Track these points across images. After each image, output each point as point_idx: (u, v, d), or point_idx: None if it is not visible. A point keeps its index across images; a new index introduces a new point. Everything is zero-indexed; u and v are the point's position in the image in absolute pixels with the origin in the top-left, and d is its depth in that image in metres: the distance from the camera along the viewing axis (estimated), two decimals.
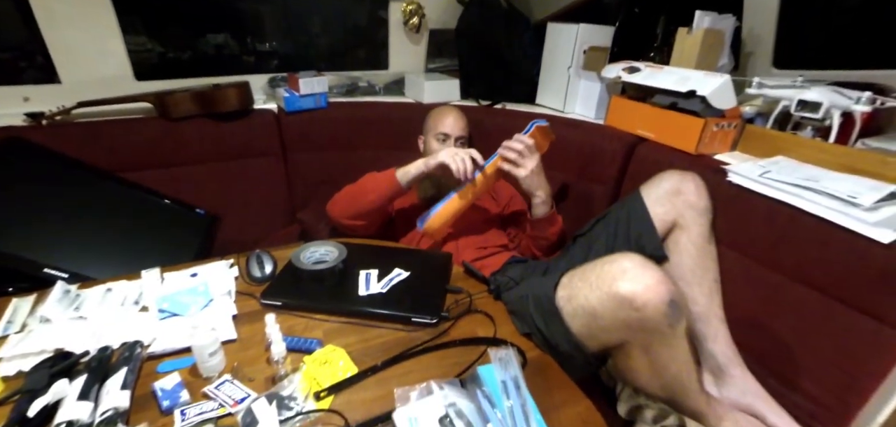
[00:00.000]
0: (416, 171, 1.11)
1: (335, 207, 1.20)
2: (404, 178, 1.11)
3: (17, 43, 1.41)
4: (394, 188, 1.12)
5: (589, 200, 1.39)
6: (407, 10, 1.73)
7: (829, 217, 0.84)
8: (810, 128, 1.10)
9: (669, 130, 1.22)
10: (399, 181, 1.11)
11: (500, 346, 0.76)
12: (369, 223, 1.18)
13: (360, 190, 1.16)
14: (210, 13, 1.71)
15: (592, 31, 1.49)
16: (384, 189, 1.13)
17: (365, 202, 1.15)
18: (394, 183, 1.11)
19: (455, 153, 1.07)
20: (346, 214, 1.18)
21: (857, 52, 1.24)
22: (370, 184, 1.16)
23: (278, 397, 0.67)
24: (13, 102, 1.32)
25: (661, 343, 0.76)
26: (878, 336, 0.78)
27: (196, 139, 1.42)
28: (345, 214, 1.18)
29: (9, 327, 0.81)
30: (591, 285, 0.77)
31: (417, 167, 1.11)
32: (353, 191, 1.18)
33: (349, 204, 1.18)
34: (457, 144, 1.28)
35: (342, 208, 1.19)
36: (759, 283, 0.96)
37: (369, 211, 1.15)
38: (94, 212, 1.20)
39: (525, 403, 0.67)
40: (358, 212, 1.16)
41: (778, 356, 0.92)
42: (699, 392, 0.84)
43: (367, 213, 1.16)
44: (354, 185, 1.19)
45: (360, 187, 1.17)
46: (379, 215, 1.19)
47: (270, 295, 0.90)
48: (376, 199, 1.14)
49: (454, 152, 1.07)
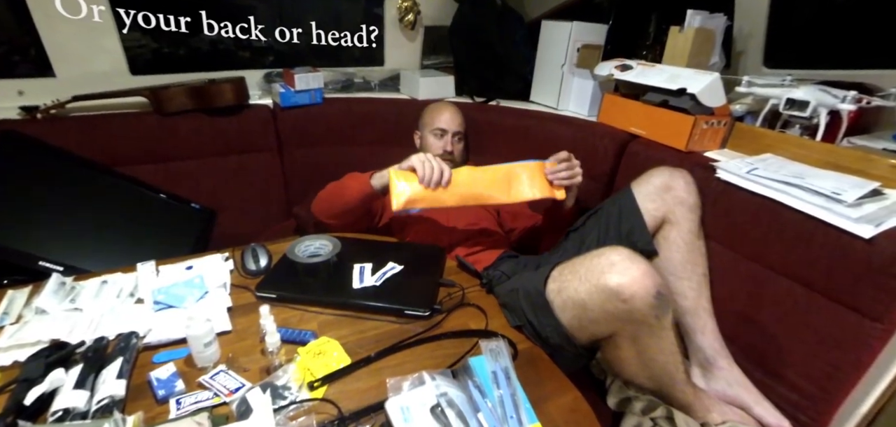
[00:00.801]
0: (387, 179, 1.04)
1: (317, 205, 1.19)
2: (379, 182, 1.07)
3: (11, 36, 1.40)
4: (367, 192, 1.08)
5: (581, 196, 1.39)
6: (402, 6, 1.73)
7: (813, 213, 0.86)
8: (798, 126, 1.12)
9: (661, 128, 1.24)
10: (373, 186, 1.07)
11: (491, 338, 0.77)
12: (346, 224, 1.16)
13: (339, 189, 1.15)
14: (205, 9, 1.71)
15: (586, 29, 1.50)
16: (357, 192, 1.10)
17: (339, 203, 1.14)
18: (367, 187, 1.08)
19: (425, 160, 0.99)
20: (325, 213, 1.17)
21: (845, 52, 1.26)
22: (346, 185, 1.13)
23: (273, 387, 0.68)
24: (8, 96, 1.31)
25: (649, 334, 0.78)
26: (859, 329, 0.80)
27: (192, 134, 1.42)
28: (324, 213, 1.17)
29: (4, 318, 0.81)
30: (580, 278, 0.79)
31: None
32: (332, 189, 1.17)
33: (328, 204, 1.16)
34: (453, 140, 1.29)
35: (321, 207, 1.18)
36: (746, 277, 0.98)
37: (343, 212, 1.14)
38: (89, 206, 1.20)
39: (515, 393, 0.68)
40: (333, 212, 1.15)
41: (764, 348, 0.94)
42: (686, 383, 0.85)
43: (342, 213, 1.14)
44: (335, 184, 1.17)
45: (338, 187, 1.15)
46: (355, 217, 1.16)
47: (265, 287, 0.91)
48: (350, 201, 1.11)
49: (423, 158, 0.99)
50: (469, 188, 1.02)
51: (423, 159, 0.98)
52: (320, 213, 1.18)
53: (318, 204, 1.18)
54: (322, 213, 1.18)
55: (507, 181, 1.04)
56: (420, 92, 1.67)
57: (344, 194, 1.12)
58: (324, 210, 1.17)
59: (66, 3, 1.30)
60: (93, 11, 1.35)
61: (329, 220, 1.17)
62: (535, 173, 1.06)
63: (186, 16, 1.51)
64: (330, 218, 1.16)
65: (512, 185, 1.04)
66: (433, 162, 0.99)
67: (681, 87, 1.15)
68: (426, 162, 0.98)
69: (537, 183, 1.05)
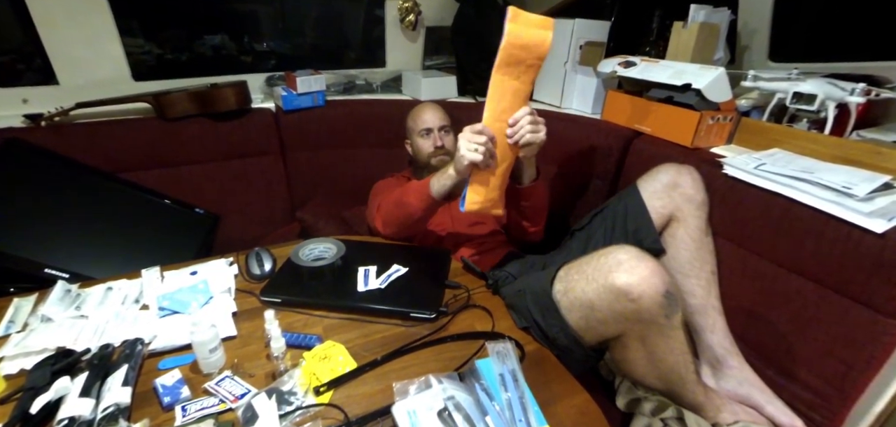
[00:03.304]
0: (451, 182, 0.99)
1: (386, 227, 1.15)
2: (440, 190, 1.01)
3: (16, 45, 1.41)
4: (430, 203, 1.04)
5: (586, 195, 1.39)
6: (403, 7, 1.73)
7: (823, 208, 0.84)
8: (806, 120, 1.11)
9: (665, 124, 1.22)
10: (433, 195, 1.02)
11: (498, 340, 0.76)
12: (415, 233, 1.15)
13: (402, 204, 1.10)
14: (207, 14, 1.72)
15: (588, 26, 1.49)
16: (420, 204, 1.05)
17: (404, 216, 1.09)
18: (429, 198, 1.03)
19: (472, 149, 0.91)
20: (394, 226, 1.13)
21: (851, 45, 1.24)
22: (407, 201, 1.08)
23: (278, 392, 0.67)
24: (12, 104, 1.32)
25: (658, 334, 0.77)
26: (873, 325, 0.79)
27: (195, 139, 1.42)
28: (392, 225, 1.13)
29: (10, 327, 0.82)
30: (587, 278, 0.78)
31: (450, 177, 0.99)
32: (396, 204, 1.12)
33: (395, 218, 1.12)
34: (440, 134, 1.28)
35: (390, 230, 1.14)
36: (756, 274, 0.96)
37: (411, 224, 1.10)
38: (94, 212, 1.20)
39: (523, 396, 0.68)
40: (401, 227, 1.12)
41: (775, 347, 0.93)
42: (696, 383, 0.84)
43: (410, 225, 1.10)
44: (396, 201, 1.12)
45: (400, 203, 1.10)
46: (423, 225, 1.14)
47: (270, 292, 0.91)
48: (414, 213, 1.07)
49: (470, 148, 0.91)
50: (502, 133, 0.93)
51: (471, 149, 0.90)
52: (389, 229, 1.14)
53: (386, 226, 1.15)
54: (391, 228, 1.14)
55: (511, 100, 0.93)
56: (422, 93, 1.67)
57: (407, 208, 1.08)
58: (392, 223, 1.13)
59: (69, 11, 1.30)
60: (96, 19, 1.35)
61: (397, 233, 1.14)
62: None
63: (188, 21, 1.51)
64: (399, 231, 1.13)
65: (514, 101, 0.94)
66: (475, 141, 0.90)
67: (686, 82, 1.14)
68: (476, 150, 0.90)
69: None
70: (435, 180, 1.02)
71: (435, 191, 1.01)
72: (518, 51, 0.91)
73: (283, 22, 1.90)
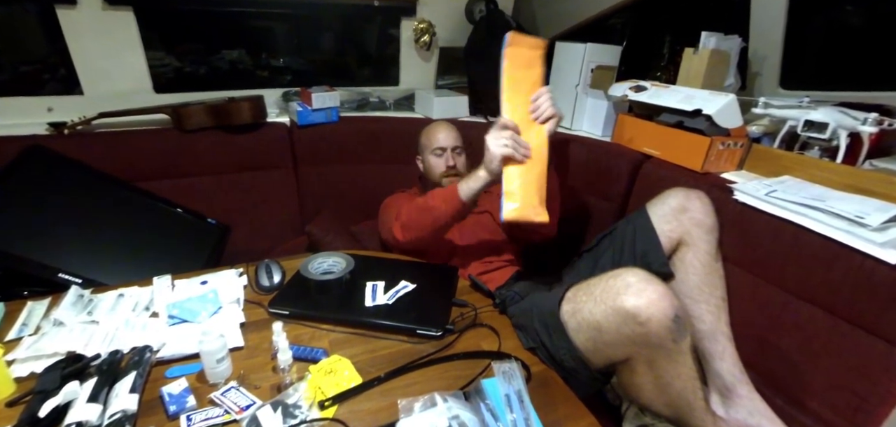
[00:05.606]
0: (480, 184, 0.99)
1: (405, 232, 1.11)
2: (469, 194, 1.00)
3: (43, 56, 1.46)
4: (459, 208, 1.02)
5: (595, 217, 1.39)
6: (418, 28, 1.76)
7: (835, 236, 0.83)
8: (817, 148, 1.10)
9: (675, 148, 1.22)
10: (462, 199, 1.01)
11: (504, 359, 0.76)
12: (434, 242, 1.11)
13: (426, 210, 1.08)
14: (226, 29, 1.77)
15: (599, 50, 1.51)
16: (447, 210, 1.03)
17: (429, 222, 1.07)
18: (458, 204, 1.01)
19: (505, 144, 0.92)
20: (415, 232, 1.10)
21: (863, 73, 1.24)
22: (433, 205, 1.06)
23: (283, 405, 0.67)
24: (38, 112, 1.36)
25: (666, 358, 0.76)
26: (888, 358, 0.77)
27: (210, 151, 1.45)
28: (413, 231, 1.10)
29: (23, 329, 0.83)
30: (595, 299, 0.78)
31: (479, 179, 0.99)
32: (419, 210, 1.10)
33: (417, 224, 1.09)
34: (453, 154, 1.29)
35: (410, 236, 1.10)
36: (766, 301, 0.95)
37: (434, 231, 1.07)
38: (108, 219, 1.22)
39: (528, 417, 0.67)
40: (423, 233, 1.09)
41: (786, 376, 0.91)
42: (705, 410, 0.83)
43: (433, 232, 1.08)
44: (420, 207, 1.10)
45: (425, 209, 1.08)
46: (444, 233, 1.11)
47: (278, 304, 0.92)
48: (440, 219, 1.05)
49: (503, 143, 0.92)
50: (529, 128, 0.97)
51: (504, 145, 0.91)
52: (409, 234, 1.11)
53: (406, 231, 1.11)
54: (411, 233, 1.11)
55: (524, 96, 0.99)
56: (434, 111, 1.69)
57: (433, 212, 1.06)
58: (414, 227, 1.10)
59: (99, 24, 1.35)
60: (123, 33, 1.40)
61: (417, 239, 1.10)
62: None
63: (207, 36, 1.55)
64: (419, 236, 1.10)
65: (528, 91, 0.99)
66: (506, 138, 0.92)
67: (696, 107, 1.14)
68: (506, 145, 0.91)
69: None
70: (463, 184, 1.02)
71: (463, 194, 1.01)
72: (520, 50, 1.03)
73: (299, 39, 1.94)
